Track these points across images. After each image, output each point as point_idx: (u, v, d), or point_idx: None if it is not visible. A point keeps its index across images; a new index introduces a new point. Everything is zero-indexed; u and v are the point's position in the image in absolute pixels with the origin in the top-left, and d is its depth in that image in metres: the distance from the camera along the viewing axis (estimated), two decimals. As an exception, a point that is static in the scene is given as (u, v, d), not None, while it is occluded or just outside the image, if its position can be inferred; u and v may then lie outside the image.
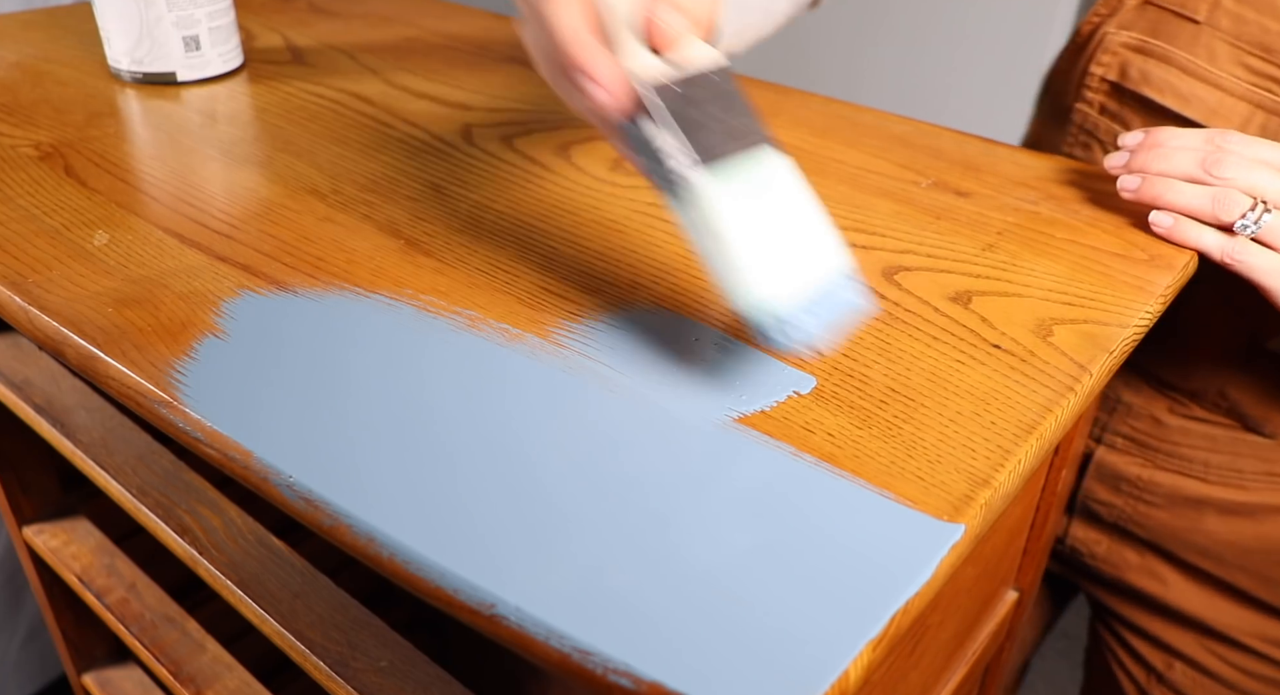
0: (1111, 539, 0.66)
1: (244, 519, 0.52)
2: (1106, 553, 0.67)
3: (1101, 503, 0.65)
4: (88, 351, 0.35)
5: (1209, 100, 0.52)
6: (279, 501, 0.30)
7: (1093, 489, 0.65)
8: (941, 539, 0.29)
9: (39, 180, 0.48)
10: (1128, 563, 0.66)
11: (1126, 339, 0.39)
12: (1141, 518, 0.64)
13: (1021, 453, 0.32)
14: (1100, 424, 0.64)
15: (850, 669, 0.24)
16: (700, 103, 0.32)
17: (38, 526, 0.68)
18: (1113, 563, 0.66)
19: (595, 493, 0.30)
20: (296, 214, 0.46)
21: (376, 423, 0.32)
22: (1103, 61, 0.56)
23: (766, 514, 0.29)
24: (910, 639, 0.40)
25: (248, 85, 0.62)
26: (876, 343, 0.38)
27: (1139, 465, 0.63)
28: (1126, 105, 0.56)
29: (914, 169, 0.54)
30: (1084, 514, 0.67)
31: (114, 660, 0.78)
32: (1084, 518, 0.67)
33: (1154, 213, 0.47)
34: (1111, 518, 0.65)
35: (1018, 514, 0.50)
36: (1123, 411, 0.63)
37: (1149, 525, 0.64)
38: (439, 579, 0.27)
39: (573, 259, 0.43)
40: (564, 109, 0.60)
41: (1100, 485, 0.65)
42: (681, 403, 0.34)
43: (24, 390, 0.58)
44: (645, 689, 0.24)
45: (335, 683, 0.44)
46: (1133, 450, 0.63)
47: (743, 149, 0.33)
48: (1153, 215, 0.47)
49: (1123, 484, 0.64)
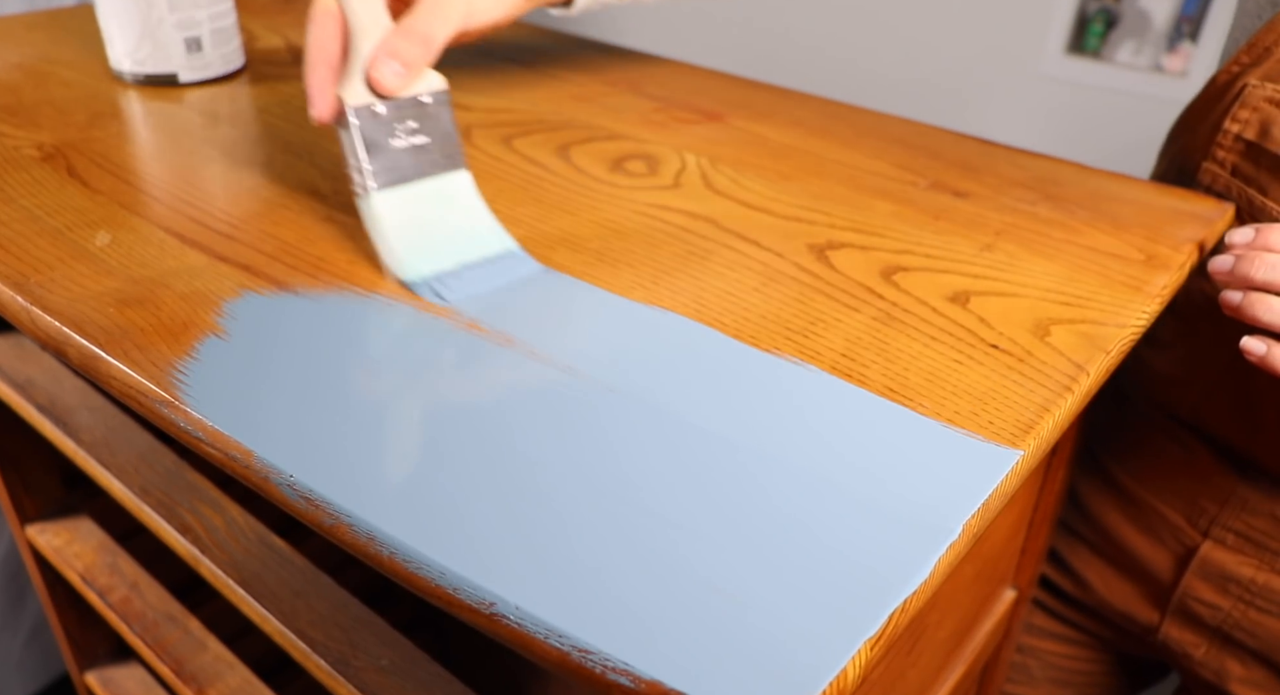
0: (1212, 644, 0.60)
1: (245, 518, 0.52)
2: (1205, 657, 0.61)
3: (1205, 604, 0.59)
4: (90, 351, 0.35)
5: None
6: (280, 501, 0.31)
7: (1195, 588, 0.59)
8: (938, 539, 0.29)
9: (41, 181, 0.48)
10: (1231, 673, 0.60)
11: (1124, 339, 0.39)
12: (1251, 625, 0.57)
13: (1019, 453, 0.32)
14: (1209, 516, 0.58)
15: (848, 667, 0.25)
16: (400, 123, 0.41)
17: (40, 525, 0.68)
18: (1214, 669, 0.60)
19: (595, 492, 0.30)
20: (297, 214, 0.46)
21: (376, 422, 0.33)
22: (1240, 117, 0.50)
23: (764, 514, 0.29)
24: (908, 638, 0.41)
25: (249, 86, 0.62)
26: (874, 343, 0.38)
27: (1253, 567, 0.57)
28: (1264, 169, 0.49)
29: (912, 169, 0.54)
30: (1182, 613, 0.60)
31: (116, 658, 0.78)
32: (1181, 618, 0.60)
33: (1245, 338, 0.42)
34: (1215, 622, 0.59)
35: (1015, 514, 0.50)
36: (1236, 505, 0.56)
37: (1259, 634, 0.57)
38: (439, 578, 0.27)
39: (572, 259, 0.43)
40: (564, 109, 0.60)
41: (1205, 584, 0.59)
42: (681, 403, 0.34)
43: (27, 390, 0.58)
44: (644, 688, 0.24)
45: (336, 681, 0.44)
46: (1246, 550, 0.57)
47: (429, 164, 0.42)
48: (1244, 341, 0.42)
49: (1231, 586, 0.58)
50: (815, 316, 0.39)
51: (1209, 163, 0.52)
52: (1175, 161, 0.56)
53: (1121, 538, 0.63)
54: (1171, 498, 0.59)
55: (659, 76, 0.67)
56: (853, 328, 0.39)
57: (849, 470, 0.31)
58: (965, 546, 0.29)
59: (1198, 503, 0.58)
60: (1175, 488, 0.59)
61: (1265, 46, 0.49)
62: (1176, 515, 0.59)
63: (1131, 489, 0.62)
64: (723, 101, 0.63)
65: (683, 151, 0.55)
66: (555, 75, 0.66)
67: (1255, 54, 0.50)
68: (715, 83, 0.67)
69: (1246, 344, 0.42)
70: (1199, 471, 0.58)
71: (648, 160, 0.53)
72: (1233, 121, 0.50)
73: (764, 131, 0.58)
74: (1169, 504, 0.60)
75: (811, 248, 0.45)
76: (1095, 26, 1.39)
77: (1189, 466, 0.58)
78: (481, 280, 0.41)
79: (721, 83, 0.67)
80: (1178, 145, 0.56)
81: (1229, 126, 0.50)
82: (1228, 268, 0.43)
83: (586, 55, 0.71)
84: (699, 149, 0.55)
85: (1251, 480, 0.56)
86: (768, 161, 0.54)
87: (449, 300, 0.39)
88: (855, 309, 0.40)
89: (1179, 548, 0.59)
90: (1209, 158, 0.52)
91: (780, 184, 0.51)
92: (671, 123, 0.59)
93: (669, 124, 0.59)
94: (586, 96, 0.62)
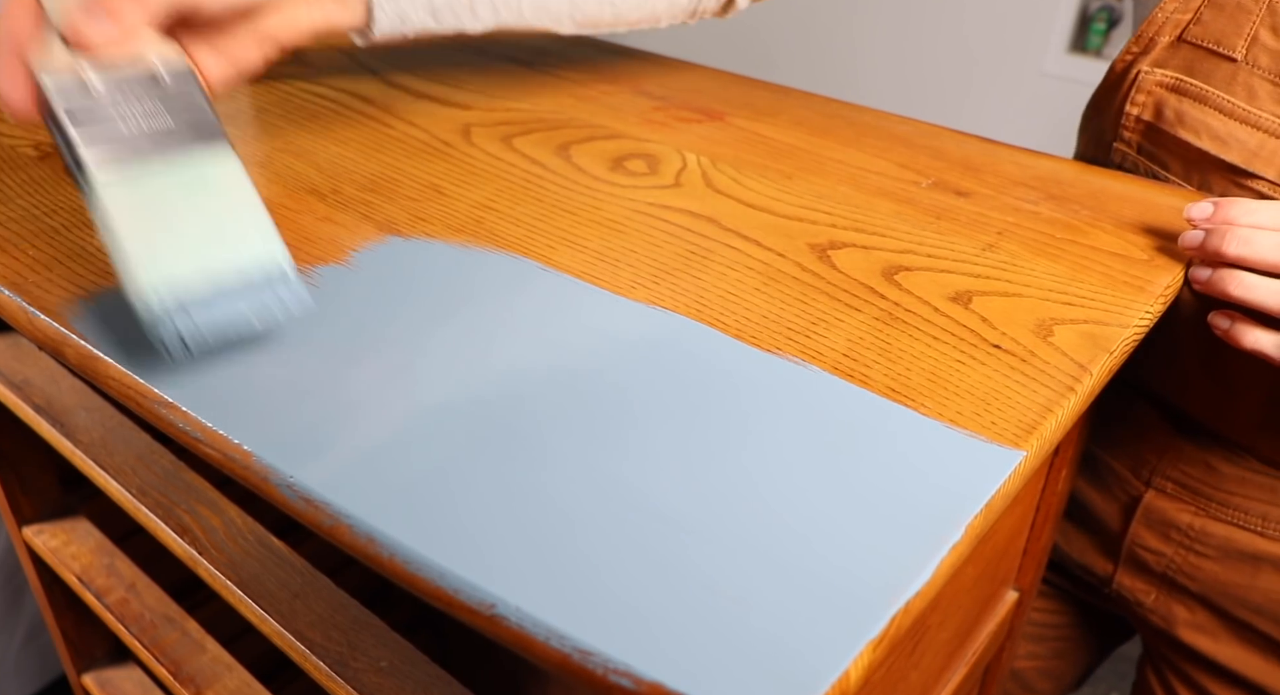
0: (1160, 590, 0.62)
1: (244, 519, 0.52)
2: (1155, 603, 0.63)
3: (1150, 550, 0.61)
4: (87, 351, 0.35)
5: (1249, 142, 0.49)
6: (279, 501, 0.30)
7: (1140, 535, 0.62)
8: (941, 541, 0.29)
9: (39, 180, 0.48)
10: (1177, 617, 0.62)
11: (1127, 339, 0.39)
12: (1192, 569, 0.60)
13: (1022, 453, 0.32)
14: (1150, 466, 0.60)
15: (850, 669, 0.24)
16: (128, 103, 0.34)
17: (38, 526, 0.68)
18: (1162, 615, 0.63)
19: (596, 493, 0.30)
20: (296, 213, 0.46)
21: (375, 422, 0.32)
22: (1137, 101, 0.54)
23: (765, 515, 0.29)
24: (910, 639, 0.40)
25: (247, 85, 0.62)
26: (876, 343, 0.38)
27: (1190, 513, 0.59)
28: (1163, 146, 0.54)
29: (914, 169, 0.54)
30: (1131, 562, 0.63)
31: (114, 660, 0.78)
32: (1131, 566, 0.63)
33: (1212, 314, 0.44)
34: (1160, 567, 0.61)
35: (1018, 514, 0.50)
36: (1173, 455, 0.59)
37: (1200, 577, 0.60)
38: (439, 579, 0.27)
39: (572, 259, 0.43)
40: (564, 109, 0.60)
41: (1148, 531, 0.61)
42: (681, 404, 0.34)
43: (24, 390, 0.58)
44: (645, 689, 0.24)
45: (335, 683, 0.44)
46: (1184, 497, 0.59)
47: (174, 148, 0.35)
48: (1211, 317, 0.44)
49: (1172, 532, 0.60)
50: (817, 316, 0.39)
51: (1118, 143, 0.56)
52: (1093, 140, 0.60)
53: (1077, 490, 0.66)
54: (1117, 451, 0.63)
55: (659, 75, 0.67)
56: (854, 328, 0.39)
57: (851, 471, 0.31)
58: (968, 548, 0.29)
59: (1141, 454, 0.61)
60: (1121, 441, 0.62)
61: (1149, 37, 0.53)
62: (1122, 467, 0.62)
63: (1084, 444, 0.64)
64: (723, 100, 0.63)
65: (683, 151, 0.54)
66: (555, 75, 0.66)
67: (1143, 44, 0.54)
68: (716, 82, 0.67)
69: (1214, 320, 0.45)
70: (1140, 425, 0.61)
71: (648, 159, 0.53)
72: (1131, 105, 0.55)
73: (765, 130, 0.58)
74: (1114, 457, 0.63)
75: (813, 247, 0.45)
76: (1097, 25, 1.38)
77: (1132, 420, 0.62)
78: (235, 316, 0.33)
79: (722, 82, 0.67)
80: (1093, 126, 0.60)
81: (1129, 110, 0.55)
82: (1196, 243, 0.44)
83: (586, 55, 0.71)
84: (700, 148, 0.55)
85: (1186, 432, 0.59)
86: (769, 161, 0.54)
87: (194, 353, 0.33)
88: (857, 309, 0.40)
89: (1125, 497, 0.62)
90: (1118, 138, 0.56)
91: (781, 183, 0.51)
92: (672, 122, 0.59)
93: (669, 123, 0.58)
94: (587, 96, 0.62)
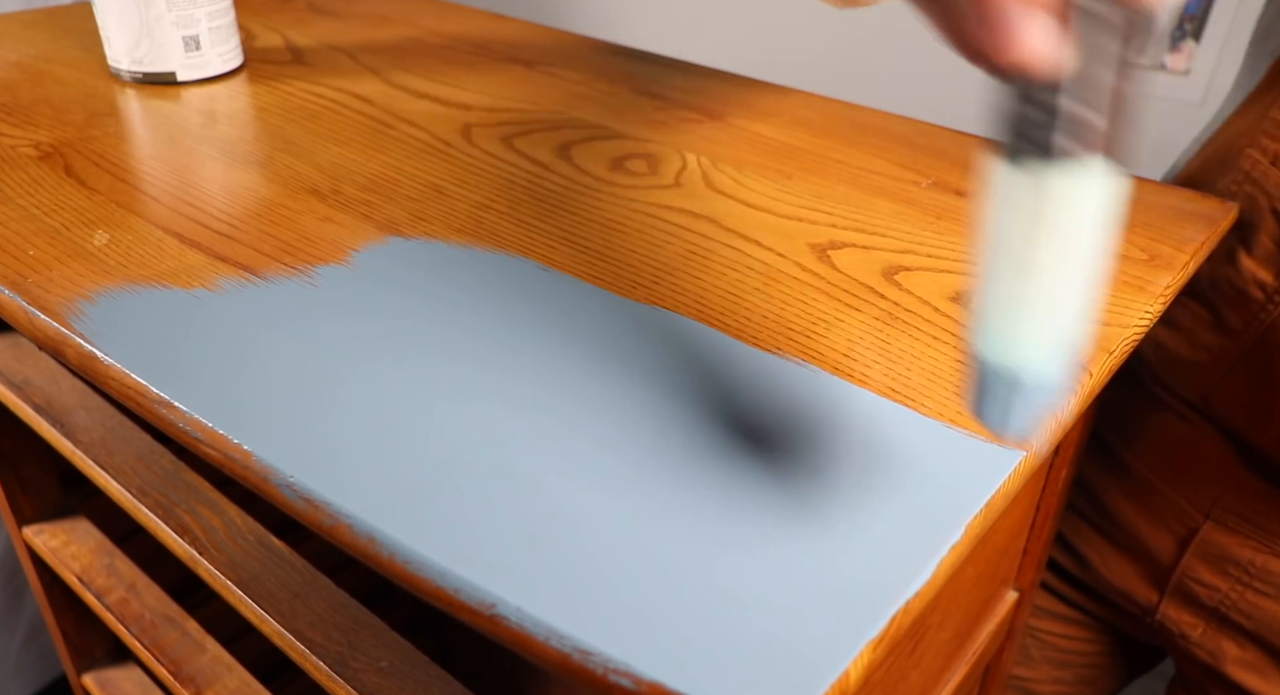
0: (1209, 625, 0.59)
1: (244, 519, 0.52)
2: (1202, 638, 0.60)
3: (1202, 584, 0.58)
4: (87, 351, 0.35)
5: None
6: (279, 501, 0.30)
7: (1194, 568, 0.59)
8: (941, 540, 0.29)
9: (39, 180, 0.48)
10: (1226, 653, 0.59)
11: (1126, 339, 0.39)
12: (1248, 606, 0.57)
13: (1022, 453, 0.32)
14: (1211, 498, 0.57)
15: (850, 669, 0.24)
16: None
17: (37, 526, 0.68)
18: (1209, 650, 0.60)
19: (597, 493, 0.30)
20: (296, 214, 0.46)
21: (376, 422, 0.32)
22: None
23: (766, 515, 0.29)
24: (910, 639, 0.40)
25: (247, 85, 0.62)
26: (876, 343, 0.38)
27: (1252, 549, 0.56)
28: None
29: (914, 169, 0.54)
30: (1180, 593, 0.60)
31: (114, 660, 0.78)
32: (1179, 597, 0.60)
33: None
34: (1213, 602, 0.58)
35: (1018, 514, 0.50)
36: (1238, 488, 0.56)
37: (1256, 615, 0.57)
38: (439, 579, 0.27)
39: (572, 259, 0.43)
40: (564, 109, 0.60)
41: (1204, 565, 0.58)
42: (680, 404, 0.34)
43: (24, 390, 0.58)
44: (645, 689, 0.24)
45: (335, 683, 0.44)
46: (1245, 530, 0.56)
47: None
48: None
49: (1230, 567, 0.57)
50: (817, 317, 0.39)
51: (1253, 149, 0.50)
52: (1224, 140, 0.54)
53: (1123, 517, 0.63)
54: (1175, 478, 0.59)
55: (659, 75, 0.67)
56: (855, 328, 0.39)
57: (851, 471, 0.31)
58: (968, 548, 0.29)
59: (1202, 485, 0.58)
60: (1179, 468, 0.59)
61: None
62: (1179, 496, 0.59)
63: (1135, 468, 0.62)
64: (723, 100, 0.63)
65: (683, 151, 0.54)
66: (555, 75, 0.66)
67: None
68: (716, 82, 0.67)
69: None
70: (1203, 453, 0.57)
71: (648, 159, 0.53)
72: None
73: (765, 130, 0.58)
74: (1172, 484, 0.59)
75: (813, 247, 0.45)
76: (1096, 27, 1.38)
77: (1194, 448, 0.58)
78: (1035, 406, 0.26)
79: (722, 82, 0.67)
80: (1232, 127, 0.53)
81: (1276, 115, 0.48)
82: None
83: (586, 55, 0.71)
84: (700, 148, 0.55)
85: (1255, 467, 0.55)
86: (769, 160, 0.54)
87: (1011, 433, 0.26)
88: (857, 309, 0.40)
89: (1180, 528, 0.59)
90: (1255, 144, 0.50)
91: (782, 183, 0.51)
92: (672, 122, 0.59)
93: (670, 123, 0.58)
94: (587, 96, 0.62)
